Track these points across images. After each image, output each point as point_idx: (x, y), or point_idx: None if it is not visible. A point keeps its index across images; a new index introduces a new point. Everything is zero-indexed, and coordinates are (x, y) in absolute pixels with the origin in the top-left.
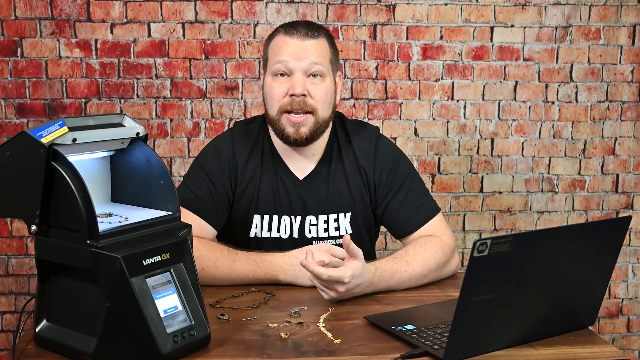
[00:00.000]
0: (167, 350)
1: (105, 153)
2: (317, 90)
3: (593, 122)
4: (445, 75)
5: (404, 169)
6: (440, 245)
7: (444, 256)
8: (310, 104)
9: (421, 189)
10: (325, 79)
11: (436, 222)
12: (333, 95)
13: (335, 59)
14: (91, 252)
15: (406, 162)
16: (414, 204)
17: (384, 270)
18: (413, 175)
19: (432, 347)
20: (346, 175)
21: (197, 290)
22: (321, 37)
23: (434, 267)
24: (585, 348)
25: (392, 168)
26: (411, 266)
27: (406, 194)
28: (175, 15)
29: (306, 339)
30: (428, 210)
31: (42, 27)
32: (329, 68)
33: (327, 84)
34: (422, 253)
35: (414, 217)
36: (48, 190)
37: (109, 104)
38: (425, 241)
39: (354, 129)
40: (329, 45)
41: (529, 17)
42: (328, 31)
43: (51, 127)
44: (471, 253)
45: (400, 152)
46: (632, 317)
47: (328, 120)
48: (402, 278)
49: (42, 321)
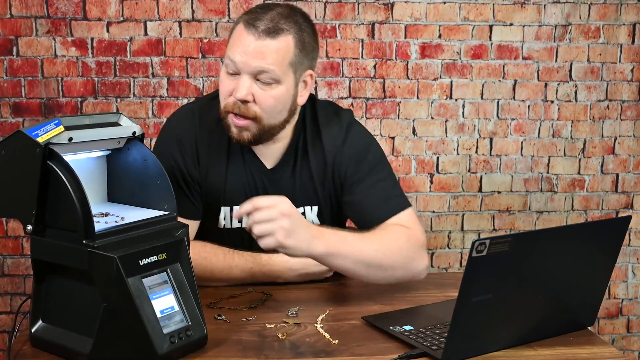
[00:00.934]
0: (164, 351)
1: (102, 152)
2: (264, 97)
3: (593, 122)
4: (443, 74)
5: (373, 158)
6: (407, 235)
7: (410, 247)
8: (254, 111)
9: (391, 181)
10: (278, 85)
11: (406, 215)
12: (289, 101)
13: (303, 58)
14: (87, 252)
15: (376, 151)
16: (382, 195)
17: (336, 231)
18: (383, 166)
19: (431, 348)
20: (314, 168)
21: (194, 290)
22: (284, 36)
23: (394, 250)
24: (584, 349)
25: (360, 158)
26: (367, 240)
27: (373, 184)
28: (171, 13)
29: (304, 339)
30: (397, 203)
31: (37, 25)
32: (286, 72)
33: (280, 91)
34: (382, 235)
35: (380, 208)
36: (44, 189)
37: (105, 103)
38: (390, 227)
39: (325, 119)
40: (294, 44)
41: (528, 16)
42: (301, 24)
43: (47, 127)
44: (470, 253)
45: (371, 142)
46: (632, 317)
47: (281, 124)
48: (357, 248)
49: (37, 322)
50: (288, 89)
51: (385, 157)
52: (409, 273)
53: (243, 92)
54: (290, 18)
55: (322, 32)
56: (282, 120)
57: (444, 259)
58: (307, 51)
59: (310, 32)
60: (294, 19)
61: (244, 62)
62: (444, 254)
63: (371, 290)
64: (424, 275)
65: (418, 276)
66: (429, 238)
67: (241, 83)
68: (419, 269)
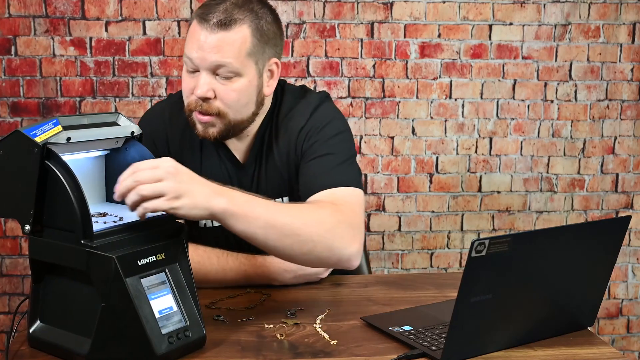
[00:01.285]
0: (162, 351)
1: (100, 152)
2: (225, 92)
3: (592, 121)
4: (443, 74)
5: (329, 132)
6: (333, 209)
7: (335, 222)
8: (216, 107)
9: (341, 157)
10: (239, 77)
11: (342, 191)
12: (254, 93)
13: (263, 46)
14: (85, 252)
15: (336, 126)
16: (324, 168)
17: (246, 193)
18: (339, 141)
19: (430, 348)
20: (281, 157)
21: (193, 290)
22: (239, 26)
23: (314, 221)
24: (584, 349)
25: (316, 131)
26: (284, 207)
27: (320, 156)
28: (170, 13)
29: (302, 340)
30: (338, 179)
31: (36, 25)
32: (246, 64)
33: (242, 84)
34: (304, 205)
35: (316, 180)
36: (42, 189)
37: (103, 102)
38: (318, 201)
39: (292, 105)
40: (250, 33)
41: (527, 15)
42: (258, 12)
43: (45, 126)
44: (469, 253)
45: (334, 118)
46: (632, 318)
47: (249, 117)
48: (268, 211)
49: (35, 322)
50: (250, 80)
51: (346, 135)
52: (334, 255)
53: (203, 89)
54: (244, 7)
55: (321, 32)
56: (250, 113)
57: (443, 259)
58: (268, 39)
59: (270, 19)
60: (249, 7)
61: (200, 58)
62: (443, 254)
63: (370, 290)
64: (354, 261)
65: (346, 261)
66: (428, 238)
67: (200, 80)
68: (345, 251)
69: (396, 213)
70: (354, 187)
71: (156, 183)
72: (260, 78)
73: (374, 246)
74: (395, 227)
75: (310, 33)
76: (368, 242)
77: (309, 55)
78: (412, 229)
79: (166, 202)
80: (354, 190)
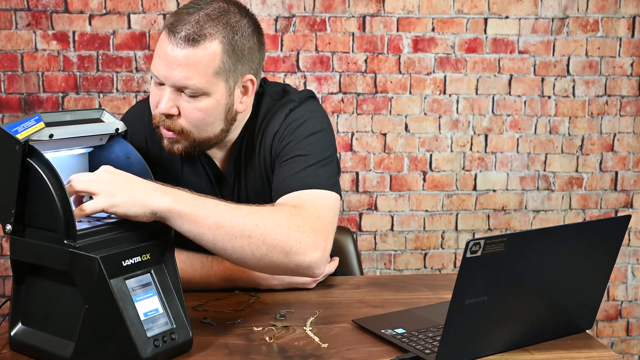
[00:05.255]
0: (148, 354)
1: (83, 150)
2: (189, 110)
3: (591, 118)
4: (437, 69)
5: (304, 132)
6: (291, 213)
7: (292, 225)
8: (179, 125)
9: (313, 158)
10: (206, 97)
11: (308, 195)
12: (222, 111)
13: (235, 62)
14: (68, 253)
15: (311, 126)
16: (292, 170)
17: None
18: (312, 142)
19: (423, 352)
20: (260, 165)
21: (179, 292)
22: (208, 42)
23: (270, 223)
24: (582, 352)
25: (289, 132)
26: (234, 207)
27: (291, 158)
28: (156, 6)
29: (292, 343)
30: (306, 181)
31: (17, 18)
32: (213, 82)
33: (208, 103)
34: (256, 207)
35: (283, 183)
36: (24, 188)
37: (87, 98)
38: (275, 204)
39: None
40: (221, 50)
41: (524, 8)
42: (234, 25)
43: (27, 123)
44: (464, 254)
45: (310, 117)
46: (631, 320)
47: (218, 135)
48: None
49: (17, 324)
50: (219, 100)
51: (322, 135)
52: (291, 261)
53: (166, 106)
54: (219, 19)
55: (311, 25)
56: (218, 131)
57: (437, 259)
58: (241, 55)
59: (248, 33)
60: (225, 19)
61: (164, 75)
62: (437, 254)
63: (362, 292)
64: (316, 270)
65: (306, 269)
66: (421, 238)
67: (164, 96)
68: (304, 258)
69: (389, 212)
70: (324, 190)
71: (91, 183)
72: (230, 96)
73: (366, 246)
74: (387, 227)
75: (300, 27)
76: (360, 242)
77: (299, 50)
78: (405, 228)
79: (102, 199)
80: (322, 192)
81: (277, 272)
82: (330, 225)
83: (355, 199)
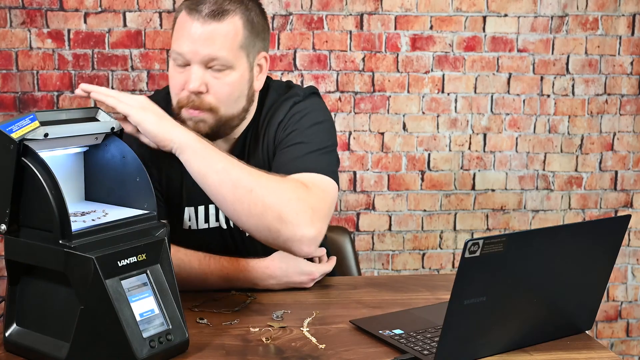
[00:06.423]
0: (143, 355)
1: (79, 149)
2: (218, 86)
3: (590, 117)
4: (435, 67)
5: (304, 124)
6: (297, 185)
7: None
8: (208, 103)
9: (314, 145)
10: (232, 70)
11: (310, 177)
12: (245, 87)
13: (254, 38)
14: (63, 253)
15: (313, 117)
16: (295, 155)
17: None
18: (314, 131)
19: (422, 353)
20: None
21: (175, 292)
22: (231, 17)
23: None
24: (582, 353)
25: (292, 125)
26: (240, 164)
27: (293, 144)
28: (152, 4)
29: (289, 344)
30: (308, 165)
31: (12, 16)
32: (239, 56)
33: (234, 77)
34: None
35: (284, 167)
36: (18, 187)
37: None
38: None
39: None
40: (242, 25)
41: (523, 6)
42: (247, 4)
43: (22, 122)
44: (462, 254)
45: (312, 111)
46: (631, 321)
47: (240, 113)
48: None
49: (12, 325)
50: (242, 74)
51: (325, 126)
52: (285, 229)
53: (196, 83)
54: None
55: (308, 24)
56: (241, 109)
57: (435, 259)
58: (258, 32)
59: (258, 11)
60: None
61: (192, 51)
62: (435, 254)
63: (360, 292)
64: (306, 246)
65: (297, 242)
66: (419, 238)
67: (192, 74)
68: (298, 229)
69: (386, 212)
70: (324, 175)
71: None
72: (251, 72)
73: (364, 246)
74: (385, 227)
75: (297, 25)
76: (357, 242)
77: (296, 48)
78: (403, 228)
79: (132, 108)
80: (323, 177)
81: (266, 238)
82: (328, 210)
83: (352, 199)
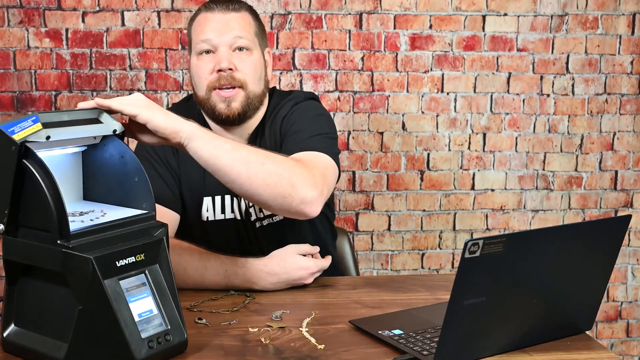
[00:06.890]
0: (142, 356)
1: (77, 149)
2: (244, 64)
3: (590, 116)
4: (434, 67)
5: (306, 115)
6: (295, 160)
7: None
8: (239, 78)
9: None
10: (252, 52)
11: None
12: (263, 70)
13: (262, 33)
14: (62, 253)
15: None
16: (296, 140)
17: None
18: (316, 121)
19: (421, 353)
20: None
21: (174, 293)
22: (243, 11)
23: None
24: (582, 354)
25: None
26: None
27: (295, 132)
28: (150, 3)
29: (288, 344)
30: (306, 146)
31: (9, 15)
32: (254, 42)
33: (255, 58)
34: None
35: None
36: (17, 188)
37: (80, 96)
38: None
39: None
40: (252, 18)
41: (522, 5)
42: (251, 7)
43: (24, 123)
44: (462, 254)
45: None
46: (631, 321)
47: (261, 96)
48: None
49: (10, 325)
50: (259, 58)
51: (326, 118)
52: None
53: (226, 62)
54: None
55: (307, 23)
56: (261, 91)
57: (435, 259)
58: (262, 29)
59: (258, 14)
60: (241, 1)
61: (219, 35)
62: (435, 254)
63: (359, 292)
64: (314, 206)
65: (308, 204)
66: (419, 238)
67: (221, 55)
68: (307, 191)
69: (385, 212)
70: (324, 154)
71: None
72: (263, 60)
73: (363, 246)
74: (384, 227)
75: (296, 24)
76: (356, 243)
77: (295, 48)
78: (402, 228)
79: (139, 108)
80: (320, 154)
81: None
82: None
83: (351, 199)
